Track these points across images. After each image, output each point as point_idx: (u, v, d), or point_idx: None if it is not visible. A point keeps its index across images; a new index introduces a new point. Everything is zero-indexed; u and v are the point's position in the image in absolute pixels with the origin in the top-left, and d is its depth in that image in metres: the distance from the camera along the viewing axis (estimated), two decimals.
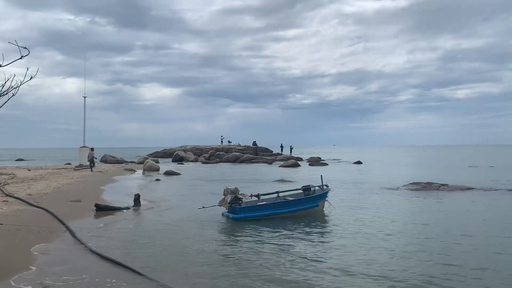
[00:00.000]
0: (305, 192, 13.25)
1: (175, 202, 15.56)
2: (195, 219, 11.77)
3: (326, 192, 13.36)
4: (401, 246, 8.72)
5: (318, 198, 13.03)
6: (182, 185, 22.37)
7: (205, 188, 20.92)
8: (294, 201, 12.68)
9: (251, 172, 33.43)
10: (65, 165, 40.11)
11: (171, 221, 11.56)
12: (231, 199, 11.91)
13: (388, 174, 30.51)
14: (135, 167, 35.63)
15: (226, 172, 34.67)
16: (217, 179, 26.68)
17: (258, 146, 62.83)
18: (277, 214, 12.09)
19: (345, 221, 11.61)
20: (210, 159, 53.57)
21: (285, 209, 12.30)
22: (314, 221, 11.68)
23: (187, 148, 62.55)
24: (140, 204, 14.11)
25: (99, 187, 19.44)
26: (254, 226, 10.95)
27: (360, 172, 33.29)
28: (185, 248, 8.53)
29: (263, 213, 11.95)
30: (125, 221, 11.49)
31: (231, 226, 11.12)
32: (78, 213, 12.10)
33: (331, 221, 11.66)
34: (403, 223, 11.35)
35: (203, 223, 11.27)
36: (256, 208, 12.02)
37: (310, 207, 12.75)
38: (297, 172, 34.26)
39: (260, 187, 20.25)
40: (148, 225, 10.98)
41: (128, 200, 14.96)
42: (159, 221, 11.48)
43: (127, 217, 12.23)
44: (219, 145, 63.37)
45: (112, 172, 29.28)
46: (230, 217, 11.74)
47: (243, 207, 11.90)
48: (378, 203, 15.14)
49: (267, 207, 12.11)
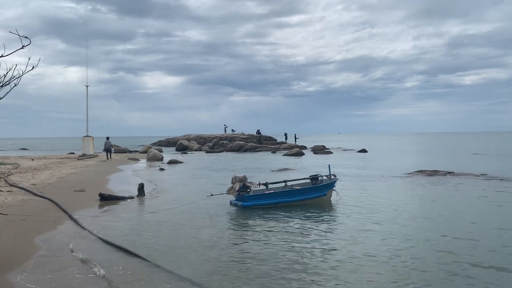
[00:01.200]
0: (312, 182, 13.33)
1: (179, 191, 15.58)
2: (202, 207, 11.80)
3: (333, 182, 13.42)
4: (410, 234, 8.66)
5: (325, 188, 13.12)
6: (186, 175, 22.40)
7: (210, 177, 20.94)
8: (302, 190, 12.77)
9: (255, 161, 33.41)
10: (69, 154, 40.24)
11: (177, 209, 11.56)
12: (240, 187, 11.94)
13: (393, 162, 30.41)
14: (138, 156, 35.69)
15: (230, 161, 34.69)
16: (221, 168, 26.68)
17: (262, 135, 62.74)
18: (285, 202, 12.16)
19: (352, 209, 11.59)
20: (214, 148, 53.59)
21: (293, 198, 12.39)
22: (322, 210, 11.68)
23: (190, 137, 62.55)
24: (144, 194, 14.14)
25: (103, 176, 19.47)
26: (263, 214, 10.97)
27: (365, 160, 33.19)
28: (192, 235, 8.52)
29: (272, 201, 12.03)
30: (130, 211, 11.50)
31: (240, 213, 11.14)
32: (82, 203, 12.12)
33: (339, 210, 11.65)
34: (409, 211, 11.30)
35: (210, 211, 11.28)
36: (265, 196, 12.10)
37: (317, 196, 12.81)
38: (302, 160, 34.21)
39: (264, 176, 20.21)
40: (151, 214, 10.97)
41: (132, 189, 14.98)
42: (162, 211, 11.46)
43: (132, 206, 12.24)
44: (222, 134, 63.35)
45: (115, 162, 29.34)
46: (239, 205, 11.84)
47: (251, 195, 11.98)
48: (384, 192, 15.13)
49: (275, 196, 12.19)
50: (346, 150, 50.77)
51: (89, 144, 35.17)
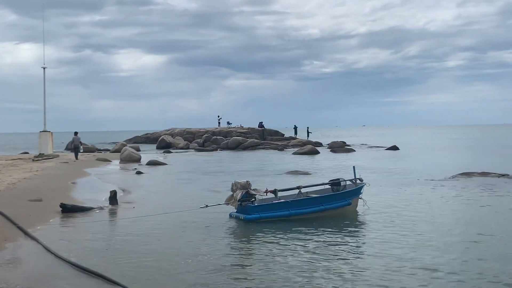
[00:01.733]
0: (333, 188, 13.32)
1: (161, 200, 15.56)
2: (192, 221, 11.76)
3: (360, 188, 13.39)
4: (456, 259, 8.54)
5: (350, 195, 13.08)
6: (170, 179, 22.40)
7: (200, 182, 20.92)
8: (321, 198, 12.75)
9: (257, 162, 33.41)
10: (22, 154, 40.24)
11: (159, 223, 11.50)
12: (242, 196, 11.86)
13: (432, 162, 30.37)
14: (110, 157, 35.66)
15: (226, 161, 34.61)
16: (214, 170, 26.65)
17: (265, 129, 62.79)
18: (299, 214, 12.14)
19: (384, 223, 11.53)
20: (205, 146, 53.63)
21: (309, 209, 12.36)
22: (346, 224, 11.64)
23: (175, 131, 62.63)
24: (117, 203, 14.19)
25: (66, 182, 19.42)
26: (271, 230, 10.89)
27: (396, 160, 33.19)
28: (180, 257, 8.45)
29: (282, 213, 12.01)
30: (99, 224, 11.47)
31: (242, 230, 11.09)
32: (40, 215, 12.08)
33: (367, 225, 11.60)
34: (454, 226, 11.23)
35: (203, 226, 11.22)
36: (274, 206, 12.08)
37: (340, 206, 12.81)
38: (316, 161, 34.13)
39: (270, 181, 20.16)
40: (129, 228, 10.92)
41: (102, 198, 14.94)
42: (142, 224, 11.42)
43: (102, 219, 12.22)
44: (215, 128, 63.42)
45: (81, 163, 29.29)
46: (241, 218, 11.80)
47: (257, 206, 11.93)
48: (421, 200, 15.13)
49: (287, 206, 12.17)
50: (372, 148, 50.71)
51: (48, 141, 35.11)
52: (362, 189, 13.48)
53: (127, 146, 40.57)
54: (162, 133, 64.68)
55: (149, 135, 69.37)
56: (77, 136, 33.21)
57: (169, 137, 57.68)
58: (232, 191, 12.25)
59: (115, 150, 42.84)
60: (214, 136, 57.19)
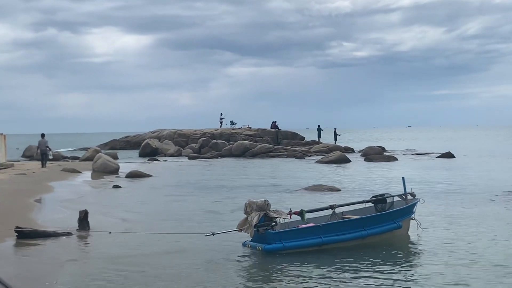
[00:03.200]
0: (377, 206, 13.28)
1: (145, 222, 15.58)
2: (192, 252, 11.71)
3: (412, 205, 13.38)
4: None
5: (400, 215, 13.09)
6: (156, 196, 22.47)
7: (195, 200, 20.94)
8: (362, 220, 12.73)
9: (269, 174, 33.36)
10: None
11: (143, 254, 11.47)
12: (259, 220, 11.74)
13: (498, 173, 30.20)
14: (79, 166, 35.83)
15: (228, 173, 34.58)
16: (213, 185, 26.65)
17: (280, 130, 62.73)
18: (334, 242, 12.08)
19: (447, 253, 11.52)
20: (202, 152, 53.68)
21: (348, 234, 12.30)
22: (396, 254, 11.64)
23: (163, 134, 62.82)
24: (89, 227, 14.19)
25: (23, 200, 19.52)
26: (299, 263, 10.79)
27: (451, 170, 33.11)
28: None
29: (312, 241, 11.93)
30: (65, 254, 11.46)
31: (259, 265, 10.94)
32: None
33: (424, 255, 11.55)
34: None
35: (208, 260, 11.07)
36: (301, 233, 12.00)
37: (388, 230, 12.85)
38: (347, 172, 34.03)
39: (287, 200, 20.08)
40: (105, 261, 10.90)
41: (69, 220, 14.97)
42: (121, 255, 11.41)
43: (69, 247, 12.23)
44: (216, 129, 63.43)
45: (43, 175, 29.41)
46: (258, 249, 11.67)
47: (278, 232, 11.83)
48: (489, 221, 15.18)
49: (318, 232, 12.06)
50: (419, 155, 50.58)
51: None
52: (415, 208, 13.45)
53: (102, 152, 40.60)
54: (146, 136, 64.90)
55: (129, 139, 69.61)
56: (44, 139, 34.10)
57: (156, 141, 57.81)
58: (245, 213, 12.10)
59: (86, 158, 43.03)
60: (213, 140, 57.22)
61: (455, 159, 43.53)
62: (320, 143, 58.72)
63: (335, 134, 62.73)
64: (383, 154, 47.57)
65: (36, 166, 34.68)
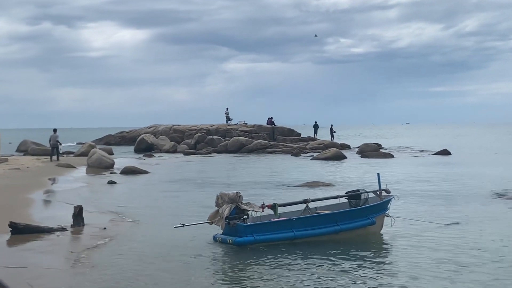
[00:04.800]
0: (351, 202, 13.34)
1: (139, 219, 15.68)
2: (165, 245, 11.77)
3: (386, 202, 13.37)
4: None
5: (374, 211, 13.10)
6: (151, 191, 22.56)
7: (190, 196, 21.06)
8: (335, 215, 12.75)
9: (265, 170, 33.42)
10: None
11: (133, 250, 11.56)
12: (230, 212, 11.80)
13: (496, 171, 30.10)
14: (74, 162, 35.90)
15: (223, 169, 34.70)
16: (209, 181, 26.73)
17: (276, 126, 62.66)
18: (306, 236, 12.13)
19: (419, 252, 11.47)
20: (197, 148, 53.70)
21: (319, 229, 12.33)
22: (368, 251, 11.62)
23: (159, 129, 62.73)
24: (83, 223, 14.22)
25: (18, 194, 19.59)
26: (269, 258, 10.82)
27: (448, 167, 33.19)
28: None
29: (284, 235, 11.98)
30: (59, 250, 11.54)
31: (231, 257, 11.01)
32: None
33: (398, 253, 11.52)
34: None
35: (181, 253, 11.14)
36: (273, 226, 12.04)
37: (361, 226, 12.84)
38: (342, 168, 34.10)
39: (281, 195, 20.18)
40: (98, 256, 11.00)
41: (64, 216, 15.00)
42: (114, 250, 11.48)
43: (63, 243, 12.28)
44: (225, 125, 62.88)
45: (36, 170, 29.48)
46: (229, 242, 11.72)
47: (250, 225, 11.88)
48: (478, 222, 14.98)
49: (290, 225, 12.12)
50: (416, 152, 50.73)
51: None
52: (389, 204, 13.45)
53: (97, 147, 40.58)
54: (142, 131, 64.74)
55: (125, 134, 69.43)
56: (55, 134, 36.65)
57: (151, 137, 57.75)
58: (217, 205, 12.14)
59: (81, 153, 42.95)
60: (209, 135, 57.21)
61: (451, 156, 43.75)
62: (316, 140, 58.78)
63: (331, 131, 62.87)
64: (379, 151, 47.78)
65: (31, 161, 34.72)
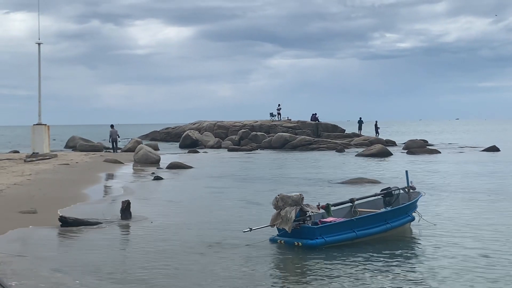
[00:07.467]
0: (386, 199, 13.63)
1: (186, 214, 15.74)
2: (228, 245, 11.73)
3: (417, 199, 13.82)
4: None
5: (412, 208, 13.56)
6: (197, 187, 22.67)
7: (235, 192, 21.12)
8: (385, 214, 12.91)
9: (309, 166, 33.30)
10: (10, 153, 41.37)
11: (184, 246, 11.61)
12: (296, 214, 11.56)
13: None
14: (121, 157, 36.30)
15: (268, 165, 34.63)
16: (254, 177, 26.81)
17: (320, 122, 62.38)
18: (364, 236, 12.15)
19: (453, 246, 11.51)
20: (241, 144, 53.81)
21: (374, 228, 12.42)
22: (402, 249, 11.68)
23: (203, 125, 63.14)
24: (131, 216, 14.44)
25: (66, 189, 19.96)
26: (338, 261, 10.65)
27: (495, 164, 32.55)
28: None
29: (348, 235, 11.95)
30: (108, 244, 11.70)
31: (304, 262, 10.71)
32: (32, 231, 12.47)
33: (430, 248, 11.55)
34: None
35: (246, 257, 10.90)
36: (338, 227, 11.95)
37: (405, 223, 13.28)
38: (388, 165, 33.79)
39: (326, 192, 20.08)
40: (146, 252, 11.10)
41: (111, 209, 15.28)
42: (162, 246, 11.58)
43: (111, 236, 12.48)
44: (272, 120, 62.90)
45: (85, 166, 29.98)
46: (297, 245, 11.48)
47: (321, 227, 11.72)
48: None
49: (351, 226, 12.08)
50: (463, 148, 49.80)
51: (43, 137, 35.75)
52: (418, 200, 13.89)
53: (143, 143, 41.02)
54: (186, 127, 65.29)
55: (170, 130, 70.18)
56: (114, 129, 42.59)
57: (196, 133, 58.11)
58: (276, 207, 11.90)
59: (128, 149, 43.50)
60: (253, 132, 57.28)
61: (500, 152, 42.74)
62: (360, 136, 58.22)
63: (376, 128, 62.13)
64: (426, 148, 46.98)
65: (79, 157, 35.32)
